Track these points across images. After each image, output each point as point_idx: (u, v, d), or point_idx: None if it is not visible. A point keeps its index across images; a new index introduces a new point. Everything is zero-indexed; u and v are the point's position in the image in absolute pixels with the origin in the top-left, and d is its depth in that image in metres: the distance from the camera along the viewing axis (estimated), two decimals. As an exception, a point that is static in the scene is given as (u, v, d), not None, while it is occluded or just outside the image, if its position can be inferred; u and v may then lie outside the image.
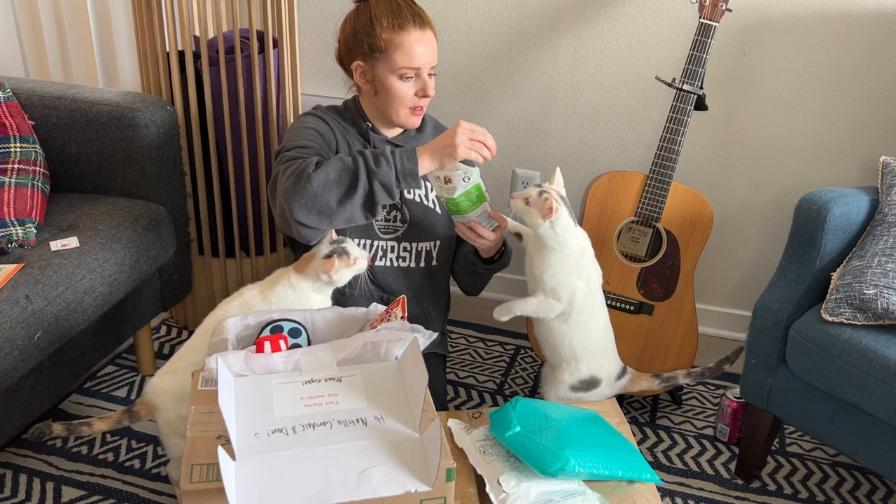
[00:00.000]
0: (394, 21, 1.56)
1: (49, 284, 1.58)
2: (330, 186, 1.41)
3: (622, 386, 1.73)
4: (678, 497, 1.78)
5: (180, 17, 1.95)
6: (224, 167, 2.11)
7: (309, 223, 1.44)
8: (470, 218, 1.56)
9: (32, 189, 1.79)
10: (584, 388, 1.67)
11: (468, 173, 1.48)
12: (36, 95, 1.91)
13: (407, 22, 1.56)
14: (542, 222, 1.53)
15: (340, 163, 1.43)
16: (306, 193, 1.41)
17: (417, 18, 1.58)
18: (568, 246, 1.57)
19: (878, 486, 1.84)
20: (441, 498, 1.04)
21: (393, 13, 1.57)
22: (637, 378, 1.75)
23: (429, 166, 1.46)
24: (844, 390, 1.52)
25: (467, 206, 1.52)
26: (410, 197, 1.70)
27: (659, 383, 1.76)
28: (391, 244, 1.71)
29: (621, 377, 1.73)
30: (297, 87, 2.06)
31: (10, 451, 1.80)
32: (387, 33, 1.56)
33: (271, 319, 1.32)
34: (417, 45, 1.57)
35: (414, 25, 1.57)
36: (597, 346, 1.67)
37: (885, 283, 1.51)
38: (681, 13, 2.07)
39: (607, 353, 1.70)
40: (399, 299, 1.36)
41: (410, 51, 1.56)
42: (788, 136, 2.13)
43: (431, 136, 1.73)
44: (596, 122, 2.24)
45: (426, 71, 1.60)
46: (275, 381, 1.17)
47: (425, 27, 1.59)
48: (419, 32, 1.57)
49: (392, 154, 1.43)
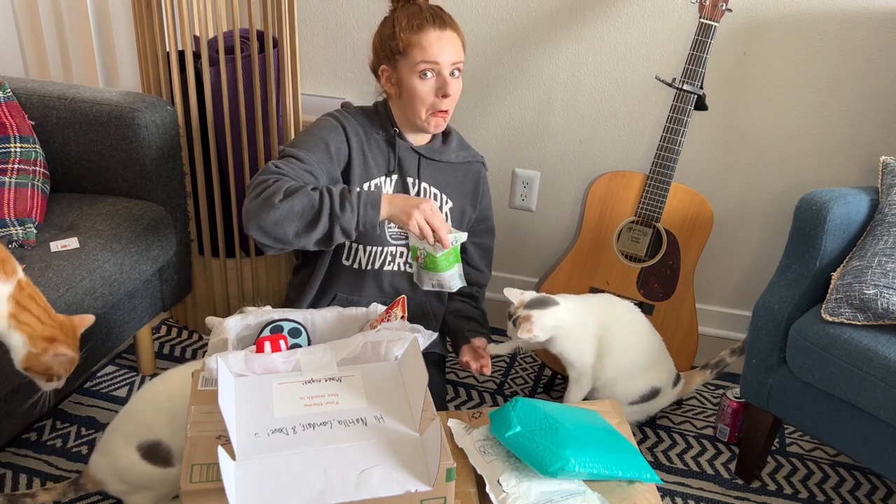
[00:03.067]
0: (412, 22, 1.59)
1: (49, 286, 1.58)
2: (292, 219, 1.42)
3: (679, 391, 1.86)
4: (678, 497, 1.78)
5: (180, 17, 1.95)
6: (224, 167, 2.11)
7: (263, 242, 1.46)
8: (443, 275, 1.52)
9: (32, 189, 1.79)
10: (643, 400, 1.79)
11: (458, 238, 1.48)
12: (36, 95, 1.91)
13: (425, 22, 1.58)
14: (536, 335, 1.64)
15: (307, 198, 1.42)
16: (267, 221, 1.42)
17: (437, 19, 1.59)
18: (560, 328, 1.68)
19: (878, 486, 1.84)
20: (441, 498, 1.04)
21: (412, 15, 1.60)
22: (690, 377, 1.88)
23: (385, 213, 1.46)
24: (844, 390, 1.52)
25: (445, 265, 1.50)
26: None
27: (710, 372, 1.88)
28: (401, 249, 1.71)
29: (676, 384, 1.85)
30: (297, 87, 2.06)
31: (10, 451, 1.80)
32: (406, 34, 1.58)
33: (271, 319, 1.32)
34: (436, 42, 1.58)
35: (433, 25, 1.58)
36: (646, 363, 1.78)
37: (885, 283, 1.51)
38: (681, 13, 2.07)
39: (659, 365, 1.81)
40: (399, 299, 1.36)
41: (427, 46, 1.57)
42: (788, 136, 2.13)
43: (456, 151, 1.73)
44: (596, 122, 2.24)
45: (447, 69, 1.59)
46: (275, 381, 1.17)
47: (445, 27, 1.60)
48: (438, 32, 1.58)
49: (357, 199, 1.43)
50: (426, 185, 1.70)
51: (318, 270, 1.70)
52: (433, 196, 1.71)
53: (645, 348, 1.78)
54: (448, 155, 1.72)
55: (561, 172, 2.32)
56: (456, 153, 1.74)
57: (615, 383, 1.73)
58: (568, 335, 1.68)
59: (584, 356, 1.71)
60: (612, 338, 1.72)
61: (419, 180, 1.69)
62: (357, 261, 1.69)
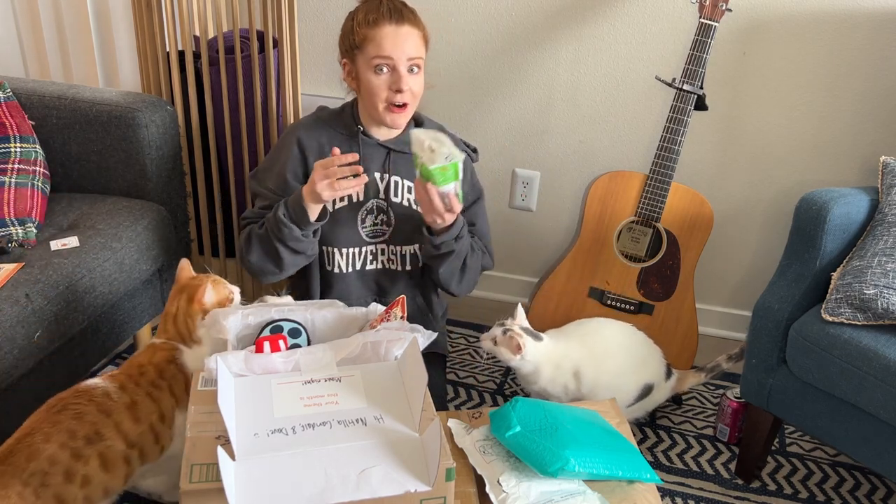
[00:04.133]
0: (368, 17, 1.58)
1: (49, 284, 1.58)
2: (263, 261, 1.63)
3: (672, 386, 1.86)
4: (678, 497, 1.78)
5: (180, 17, 1.95)
6: (224, 167, 2.11)
7: (273, 281, 1.68)
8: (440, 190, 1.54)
9: (32, 189, 1.79)
10: (639, 399, 1.81)
11: (452, 155, 1.50)
12: (36, 95, 1.91)
13: (381, 17, 1.57)
14: (513, 357, 1.68)
15: (258, 239, 1.62)
16: (254, 272, 1.67)
17: (395, 14, 1.58)
18: (541, 364, 1.71)
19: (878, 486, 1.84)
20: (441, 498, 1.04)
21: (369, 10, 1.59)
22: (684, 377, 1.89)
23: (315, 208, 1.57)
24: (844, 390, 1.52)
25: (439, 179, 1.52)
26: (398, 200, 1.70)
27: (705, 375, 1.88)
28: (381, 247, 1.72)
29: (669, 377, 1.85)
30: (297, 87, 2.06)
31: (10, 451, 1.79)
32: (362, 28, 1.58)
33: (271, 319, 1.32)
34: (391, 38, 1.57)
35: (389, 20, 1.57)
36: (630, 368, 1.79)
37: (885, 283, 1.51)
38: (681, 13, 2.07)
39: (644, 364, 1.82)
40: (399, 299, 1.37)
41: (381, 41, 1.57)
42: (788, 135, 2.13)
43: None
44: (596, 122, 2.24)
45: (402, 65, 1.58)
46: (274, 381, 1.17)
47: (402, 22, 1.58)
48: (394, 27, 1.57)
49: (285, 214, 1.56)
50: (397, 178, 1.69)
51: (312, 283, 1.73)
52: (407, 188, 1.70)
53: (625, 359, 1.79)
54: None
55: (561, 172, 2.32)
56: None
57: (608, 393, 1.74)
58: (543, 372, 1.73)
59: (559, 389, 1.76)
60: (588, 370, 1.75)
61: (388, 174, 1.69)
62: (336, 265, 1.71)
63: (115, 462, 1.21)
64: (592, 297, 1.97)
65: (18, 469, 1.13)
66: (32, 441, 1.15)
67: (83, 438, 1.18)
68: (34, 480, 1.13)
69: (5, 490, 1.11)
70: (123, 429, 1.22)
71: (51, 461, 1.14)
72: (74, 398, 1.21)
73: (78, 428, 1.17)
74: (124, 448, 1.22)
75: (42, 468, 1.14)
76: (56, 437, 1.16)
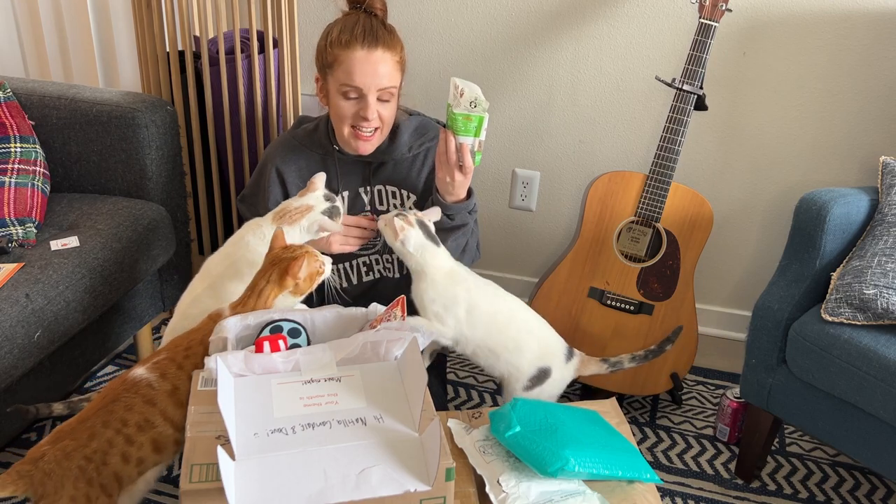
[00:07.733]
0: (342, 37, 1.52)
1: (49, 283, 1.58)
2: None
3: (575, 368, 1.68)
4: (678, 497, 1.78)
5: (180, 17, 1.95)
6: (224, 167, 2.11)
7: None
8: (455, 139, 1.54)
9: (32, 189, 1.79)
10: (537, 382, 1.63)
11: (478, 102, 1.51)
12: (36, 95, 1.92)
13: (354, 40, 1.50)
14: (394, 240, 1.53)
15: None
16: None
17: (369, 37, 1.51)
18: (430, 266, 1.55)
19: (878, 486, 1.84)
20: (440, 498, 1.04)
21: (344, 29, 1.53)
22: (587, 362, 1.70)
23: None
24: (844, 390, 1.52)
25: (460, 128, 1.52)
26: (384, 209, 1.70)
27: (607, 367, 1.71)
28: (374, 258, 1.72)
29: (570, 358, 1.68)
30: (297, 87, 2.07)
31: (10, 451, 1.80)
32: (335, 48, 1.52)
33: (271, 319, 1.32)
34: (360, 65, 1.51)
35: (362, 44, 1.50)
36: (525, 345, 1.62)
37: (885, 283, 1.51)
38: (681, 13, 2.07)
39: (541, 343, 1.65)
40: (399, 299, 1.37)
41: (350, 69, 1.51)
42: (788, 136, 2.13)
43: (408, 144, 1.68)
44: (596, 122, 2.24)
45: (371, 93, 1.52)
46: (274, 381, 1.17)
47: (375, 47, 1.51)
48: (365, 52, 1.50)
49: None
50: (380, 188, 1.69)
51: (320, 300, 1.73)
52: (391, 194, 1.69)
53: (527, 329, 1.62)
54: (398, 152, 1.66)
55: (561, 172, 2.32)
56: (408, 146, 1.68)
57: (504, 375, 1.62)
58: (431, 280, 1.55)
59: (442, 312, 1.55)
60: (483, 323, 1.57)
61: (371, 186, 1.68)
62: (328, 284, 1.71)
63: (166, 445, 1.26)
64: (592, 297, 1.97)
65: (80, 444, 1.20)
66: (94, 423, 1.22)
67: (135, 426, 1.23)
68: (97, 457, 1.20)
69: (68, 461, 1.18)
70: (169, 415, 1.26)
71: (109, 443, 1.21)
72: (124, 391, 1.26)
73: (129, 417, 1.23)
74: (173, 432, 1.27)
75: (103, 448, 1.21)
76: (113, 424, 1.22)
